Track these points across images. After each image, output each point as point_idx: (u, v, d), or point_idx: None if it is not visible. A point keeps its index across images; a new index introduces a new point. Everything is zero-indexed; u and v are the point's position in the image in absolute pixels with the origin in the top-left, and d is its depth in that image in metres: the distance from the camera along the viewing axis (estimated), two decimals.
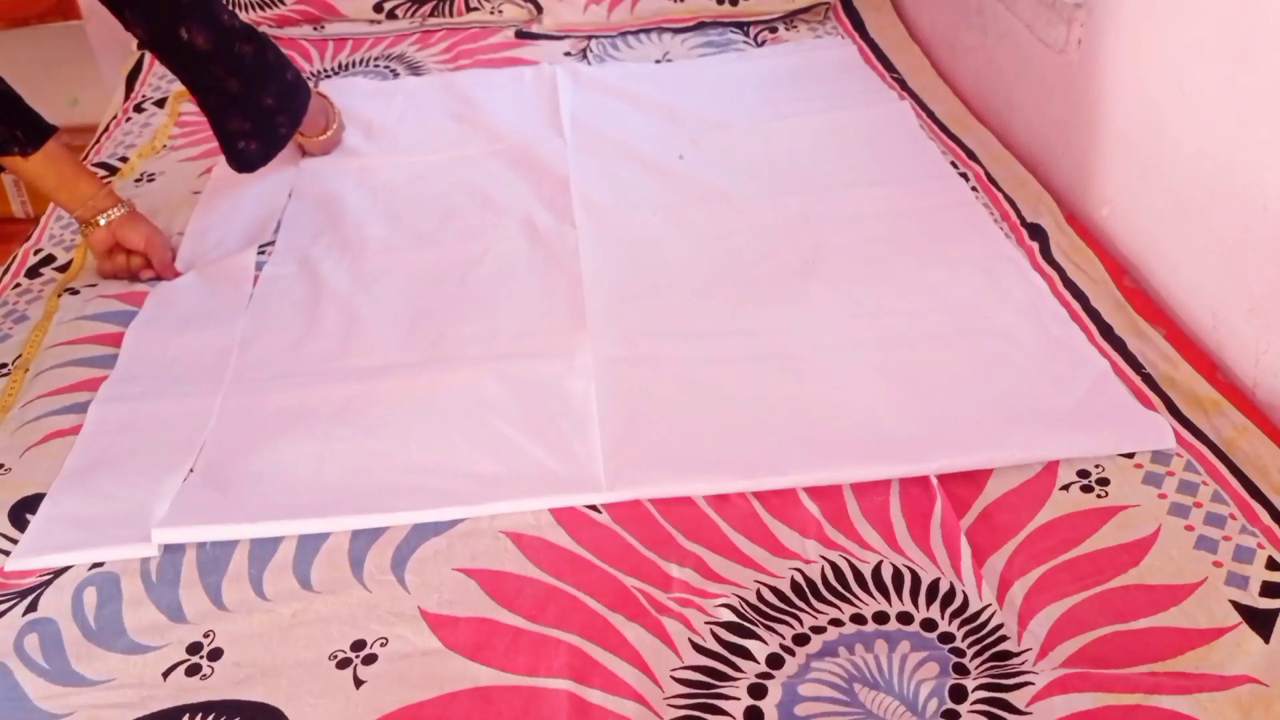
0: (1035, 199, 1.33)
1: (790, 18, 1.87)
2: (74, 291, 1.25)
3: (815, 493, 0.94)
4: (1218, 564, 0.86)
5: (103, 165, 1.50)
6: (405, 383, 1.07)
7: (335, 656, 0.82)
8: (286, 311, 1.19)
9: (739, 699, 0.78)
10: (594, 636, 0.83)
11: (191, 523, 0.92)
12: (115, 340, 1.16)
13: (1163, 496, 0.92)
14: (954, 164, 1.41)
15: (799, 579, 0.87)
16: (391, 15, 1.88)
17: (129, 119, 1.63)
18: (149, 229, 1.26)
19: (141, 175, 1.48)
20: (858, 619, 0.84)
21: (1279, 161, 1.00)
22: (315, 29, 1.87)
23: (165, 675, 0.82)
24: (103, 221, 1.23)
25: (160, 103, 1.67)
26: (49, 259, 1.31)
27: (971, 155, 1.44)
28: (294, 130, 1.34)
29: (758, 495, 0.94)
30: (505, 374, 1.08)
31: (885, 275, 1.21)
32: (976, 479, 0.95)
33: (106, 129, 1.60)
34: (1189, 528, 0.89)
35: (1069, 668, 0.79)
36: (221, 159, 1.35)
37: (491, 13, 1.89)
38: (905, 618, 0.84)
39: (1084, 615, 0.83)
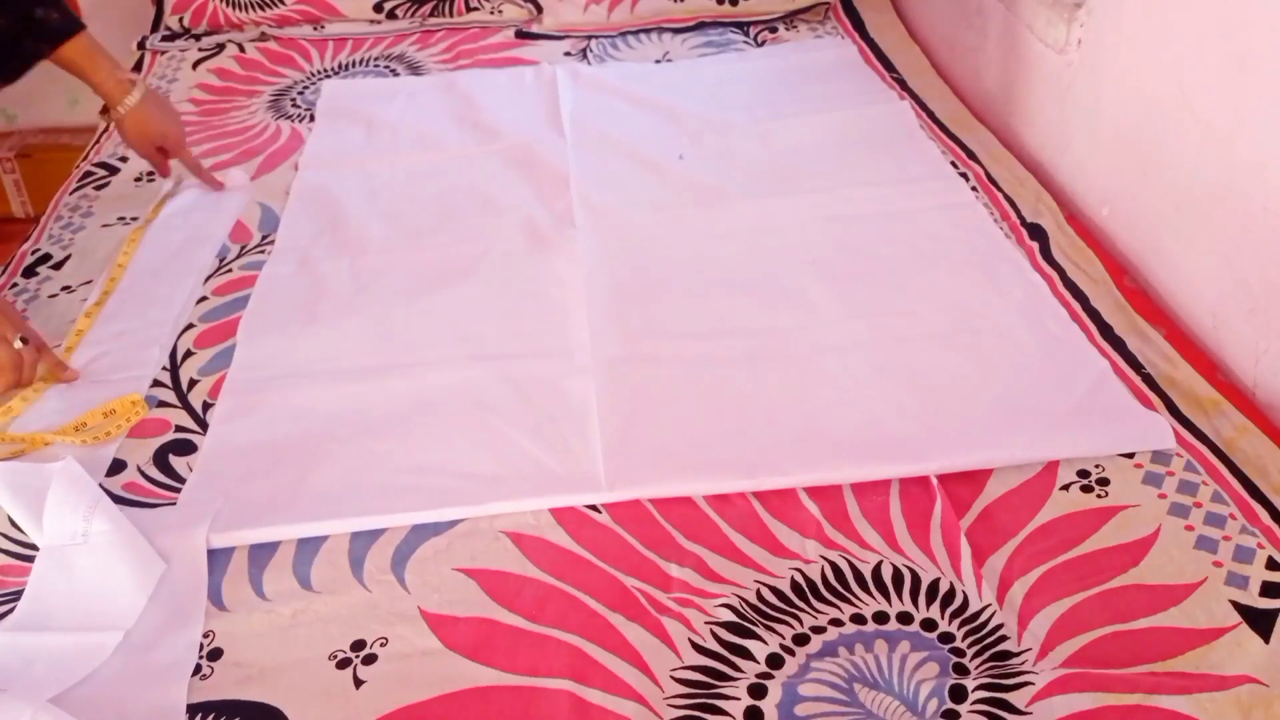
0: (1035, 199, 1.33)
1: (790, 18, 1.87)
2: (69, 289, 1.25)
3: (815, 493, 0.94)
4: (1218, 564, 0.86)
5: (103, 165, 1.50)
6: (405, 383, 1.07)
7: (335, 656, 0.82)
8: (286, 311, 1.19)
9: (739, 699, 0.78)
10: (594, 636, 0.82)
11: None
12: None
13: (1163, 496, 0.92)
14: (954, 164, 1.41)
15: (799, 579, 0.87)
16: (391, 15, 1.88)
17: None
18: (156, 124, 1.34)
19: (141, 175, 1.47)
20: (858, 619, 0.84)
21: (1279, 161, 1.00)
22: (315, 29, 1.87)
23: None
24: (122, 111, 1.32)
25: None
26: (45, 257, 1.31)
27: (971, 155, 1.44)
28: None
29: (758, 495, 0.94)
30: (505, 374, 1.08)
31: (885, 275, 1.21)
32: (976, 479, 0.95)
33: (107, 129, 1.60)
34: (1189, 528, 0.89)
35: (1069, 668, 0.79)
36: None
37: (491, 13, 1.89)
38: (905, 618, 0.84)
39: (1084, 615, 0.83)
